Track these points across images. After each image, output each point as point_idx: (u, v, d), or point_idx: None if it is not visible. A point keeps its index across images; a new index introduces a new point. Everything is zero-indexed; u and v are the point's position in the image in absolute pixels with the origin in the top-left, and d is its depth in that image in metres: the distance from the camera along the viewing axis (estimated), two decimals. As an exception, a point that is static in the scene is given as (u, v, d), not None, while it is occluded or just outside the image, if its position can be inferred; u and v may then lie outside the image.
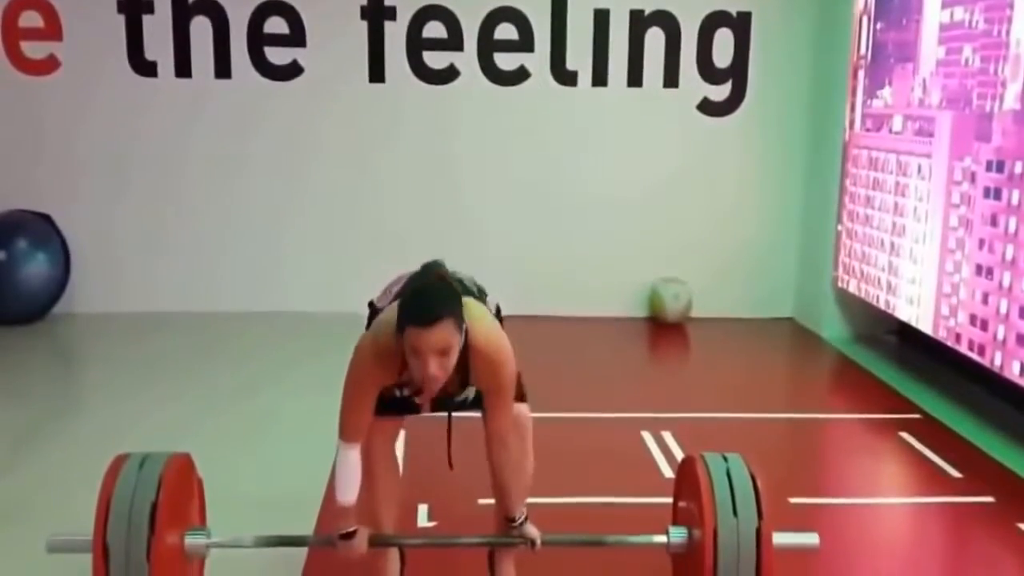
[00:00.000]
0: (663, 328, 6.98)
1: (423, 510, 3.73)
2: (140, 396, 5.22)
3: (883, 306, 6.00)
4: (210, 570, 2.97)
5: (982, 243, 4.84)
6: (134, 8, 6.68)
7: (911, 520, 4.01)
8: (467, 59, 6.84)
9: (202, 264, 7.02)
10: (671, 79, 6.92)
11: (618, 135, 6.98)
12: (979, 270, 4.86)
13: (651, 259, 7.05)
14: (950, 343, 5.18)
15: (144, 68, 6.75)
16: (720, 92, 6.96)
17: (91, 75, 6.75)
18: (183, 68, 6.76)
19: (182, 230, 6.99)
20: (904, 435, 4.75)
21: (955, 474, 4.28)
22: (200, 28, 6.72)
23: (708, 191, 7.07)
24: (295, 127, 6.91)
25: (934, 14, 5.41)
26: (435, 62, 6.84)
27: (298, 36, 6.77)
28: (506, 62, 6.86)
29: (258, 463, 4.27)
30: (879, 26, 6.10)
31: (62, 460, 4.29)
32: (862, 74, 6.28)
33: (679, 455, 4.20)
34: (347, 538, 2.75)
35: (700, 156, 7.03)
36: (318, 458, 3.92)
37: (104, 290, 6.92)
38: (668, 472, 4.11)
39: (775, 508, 2.69)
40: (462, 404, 2.87)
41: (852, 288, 6.43)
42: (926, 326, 5.45)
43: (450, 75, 6.86)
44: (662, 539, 2.83)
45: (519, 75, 6.88)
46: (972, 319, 4.92)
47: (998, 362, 4.67)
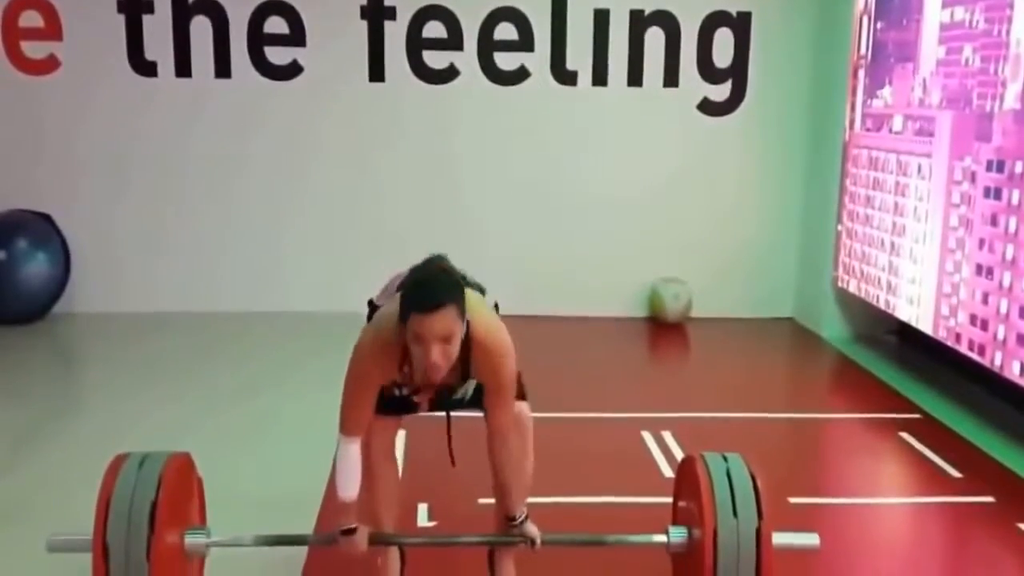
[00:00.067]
0: (663, 328, 6.98)
1: (423, 510, 3.73)
2: (140, 396, 5.22)
3: (883, 306, 6.00)
4: (210, 569, 2.97)
5: (982, 243, 4.84)
6: (134, 8, 6.68)
7: (911, 520, 4.01)
8: (467, 59, 6.84)
9: (202, 264, 7.02)
10: (671, 79, 6.92)
11: (618, 135, 6.98)
12: (979, 270, 4.86)
13: (651, 259, 7.05)
14: (950, 343, 5.18)
15: (144, 68, 6.75)
16: (720, 92, 6.96)
17: (91, 75, 6.75)
18: (183, 68, 6.76)
19: (182, 230, 6.99)
20: (904, 435, 4.75)
21: (955, 474, 4.28)
22: (200, 28, 6.72)
23: (708, 191, 7.07)
24: (295, 127, 6.91)
25: (934, 14, 5.41)
26: (435, 62, 6.84)
27: (298, 36, 6.78)
28: (506, 62, 6.86)
29: (258, 463, 4.27)
30: (879, 26, 6.09)
31: (62, 460, 4.29)
32: (862, 74, 6.28)
33: (679, 455, 4.20)
34: (348, 534, 2.76)
35: (700, 156, 7.03)
36: (318, 458, 3.93)
37: (104, 290, 6.92)
38: (668, 472, 4.11)
39: (775, 508, 2.69)
40: (460, 403, 2.88)
41: (852, 288, 6.43)
42: (926, 326, 5.45)
43: (450, 75, 6.86)
44: (662, 539, 2.83)
45: (519, 75, 6.88)
46: (972, 319, 4.92)
47: (998, 362, 4.67)
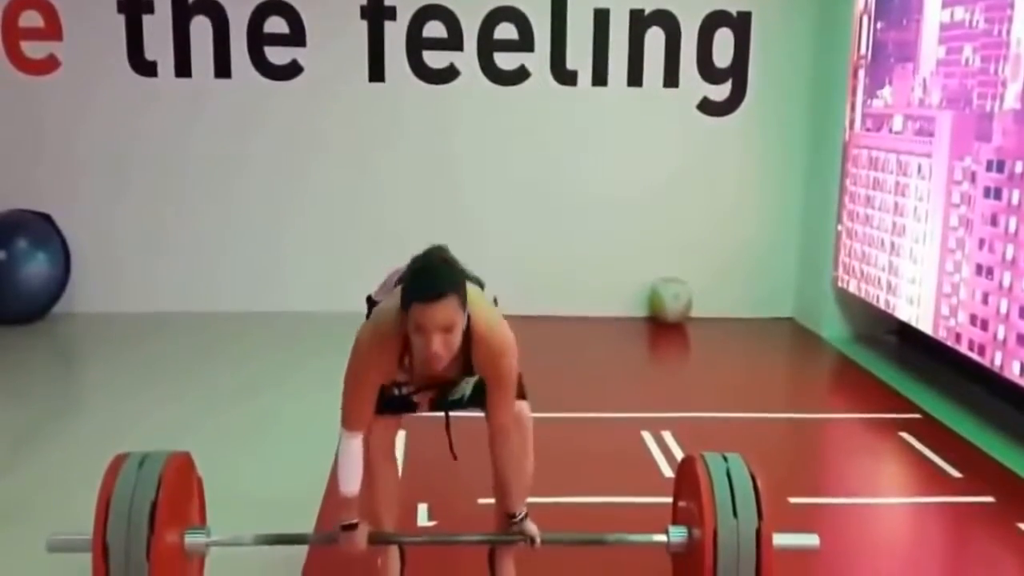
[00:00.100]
0: (663, 328, 6.98)
1: (423, 509, 3.73)
2: (140, 396, 5.21)
3: (883, 306, 6.00)
4: (210, 569, 2.97)
5: (982, 243, 4.84)
6: (134, 8, 6.68)
7: (911, 520, 4.01)
8: (467, 59, 6.84)
9: (202, 264, 7.02)
10: (671, 79, 6.92)
11: (618, 135, 6.98)
12: (979, 270, 4.86)
13: (651, 259, 7.05)
14: (950, 343, 5.18)
15: (144, 68, 6.75)
16: (720, 92, 6.96)
17: (91, 75, 6.75)
18: (183, 68, 6.76)
19: (182, 230, 6.99)
20: (904, 435, 4.75)
21: (955, 474, 4.28)
22: (200, 28, 6.72)
23: (708, 191, 7.07)
24: (295, 127, 6.91)
25: (934, 14, 5.41)
26: (435, 62, 6.84)
27: (298, 36, 6.77)
28: (506, 62, 6.85)
29: (258, 463, 4.27)
30: (879, 26, 6.09)
31: (62, 460, 4.28)
32: (862, 74, 6.28)
33: (679, 455, 4.20)
34: (348, 530, 2.76)
35: (700, 156, 7.02)
36: (318, 458, 3.93)
37: (104, 290, 6.92)
38: (668, 472, 4.10)
39: (775, 508, 2.69)
40: (459, 403, 2.88)
41: (852, 288, 6.43)
42: (926, 326, 5.45)
43: (450, 75, 6.86)
44: (662, 539, 2.83)
45: (519, 75, 6.88)
46: (972, 319, 4.92)
47: (998, 362, 4.67)
